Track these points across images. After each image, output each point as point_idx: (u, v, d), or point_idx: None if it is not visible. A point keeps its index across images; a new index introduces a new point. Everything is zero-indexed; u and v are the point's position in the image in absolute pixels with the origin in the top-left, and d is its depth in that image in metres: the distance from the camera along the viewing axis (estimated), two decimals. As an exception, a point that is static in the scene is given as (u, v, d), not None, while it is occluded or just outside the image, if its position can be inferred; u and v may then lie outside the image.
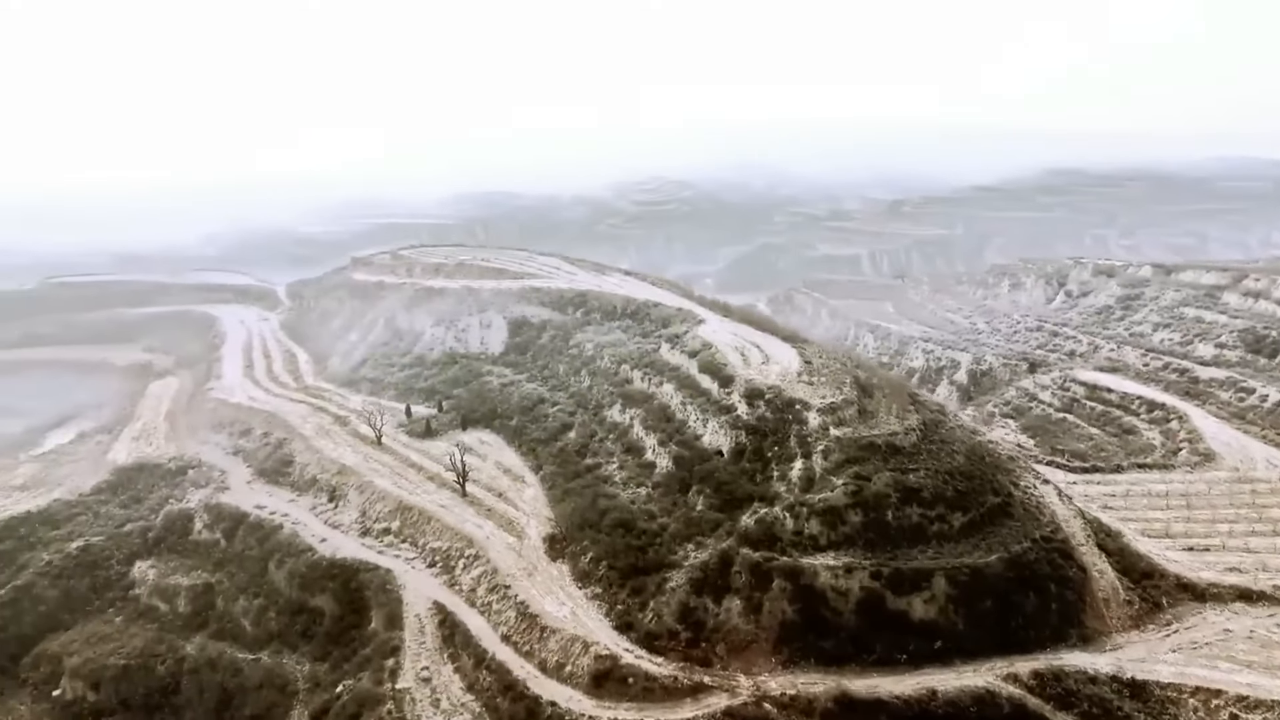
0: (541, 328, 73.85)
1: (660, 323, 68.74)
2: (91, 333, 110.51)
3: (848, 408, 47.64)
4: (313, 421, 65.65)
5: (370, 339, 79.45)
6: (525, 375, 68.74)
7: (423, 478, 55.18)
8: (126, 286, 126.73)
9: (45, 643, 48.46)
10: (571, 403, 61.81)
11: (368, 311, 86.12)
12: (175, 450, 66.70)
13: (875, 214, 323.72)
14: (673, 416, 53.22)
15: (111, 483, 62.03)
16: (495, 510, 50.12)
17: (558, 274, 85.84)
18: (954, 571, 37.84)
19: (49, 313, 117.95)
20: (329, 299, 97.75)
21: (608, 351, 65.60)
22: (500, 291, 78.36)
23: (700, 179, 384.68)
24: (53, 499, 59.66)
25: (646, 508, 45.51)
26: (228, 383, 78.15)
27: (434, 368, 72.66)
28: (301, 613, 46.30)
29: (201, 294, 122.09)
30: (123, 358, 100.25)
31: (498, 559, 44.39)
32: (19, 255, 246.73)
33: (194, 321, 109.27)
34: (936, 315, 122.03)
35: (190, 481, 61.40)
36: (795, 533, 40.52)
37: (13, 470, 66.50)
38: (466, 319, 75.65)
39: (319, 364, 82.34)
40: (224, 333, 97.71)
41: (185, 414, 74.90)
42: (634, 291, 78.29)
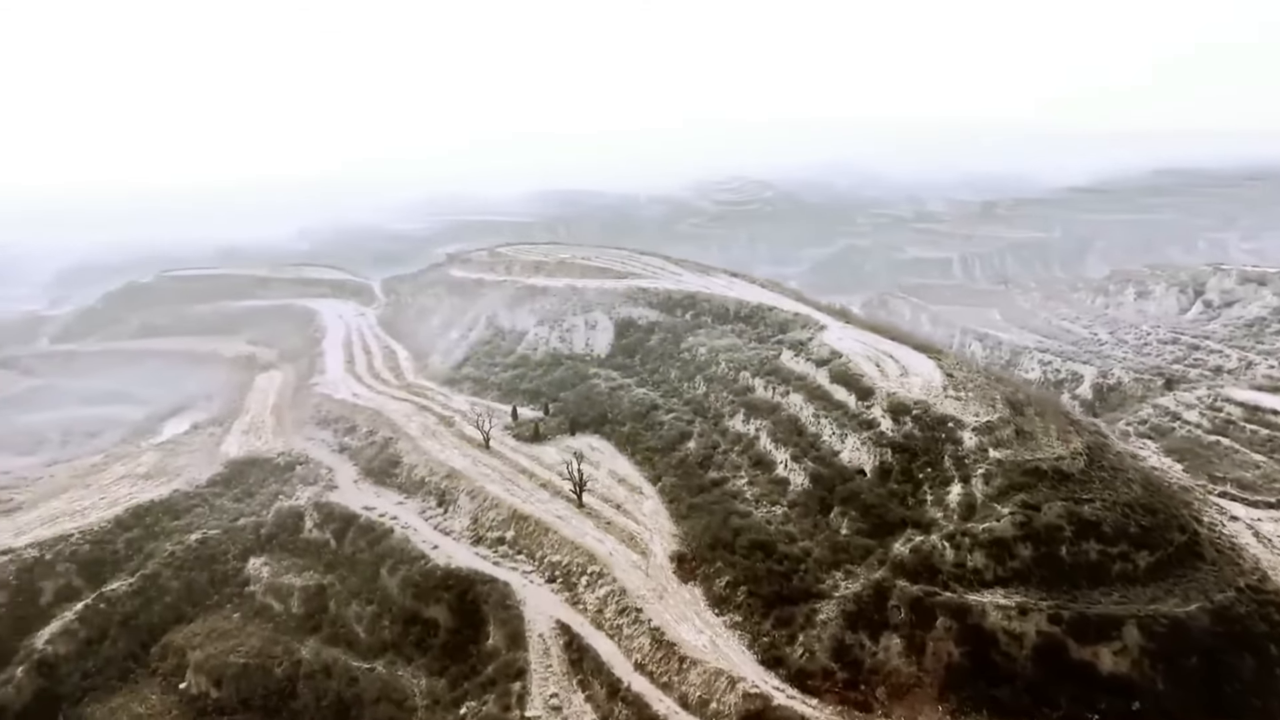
0: (649, 330, 71.25)
1: (777, 327, 65.29)
2: (201, 324, 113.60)
3: (1004, 427, 43.33)
4: (417, 421, 64.58)
5: (471, 337, 78.31)
6: (634, 379, 66.20)
7: (535, 485, 53.17)
8: (231, 280, 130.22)
9: (171, 634, 48.37)
10: (688, 410, 58.92)
11: (468, 309, 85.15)
12: (283, 445, 66.63)
13: (964, 216, 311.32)
14: (804, 429, 49.76)
15: (225, 475, 62.18)
16: (615, 524, 47.62)
17: (662, 274, 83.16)
18: (1148, 620, 33.34)
19: (164, 304, 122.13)
20: (427, 295, 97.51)
21: (724, 357, 62.48)
22: (605, 291, 76.09)
23: (781, 179, 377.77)
24: (173, 489, 60.06)
25: (784, 529, 42.23)
26: (330, 378, 78.19)
27: (538, 369, 70.86)
28: (415, 623, 44.74)
29: (300, 288, 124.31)
30: (229, 349, 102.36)
31: (624, 578, 41.81)
32: (138, 249, 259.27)
33: (294, 315, 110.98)
34: (1051, 324, 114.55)
35: (299, 478, 61.00)
36: (957, 565, 36.67)
37: (137, 458, 67.61)
38: (571, 319, 73.61)
39: (419, 361, 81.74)
40: (324, 327, 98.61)
41: (290, 408, 75.16)
42: (744, 294, 74.95)
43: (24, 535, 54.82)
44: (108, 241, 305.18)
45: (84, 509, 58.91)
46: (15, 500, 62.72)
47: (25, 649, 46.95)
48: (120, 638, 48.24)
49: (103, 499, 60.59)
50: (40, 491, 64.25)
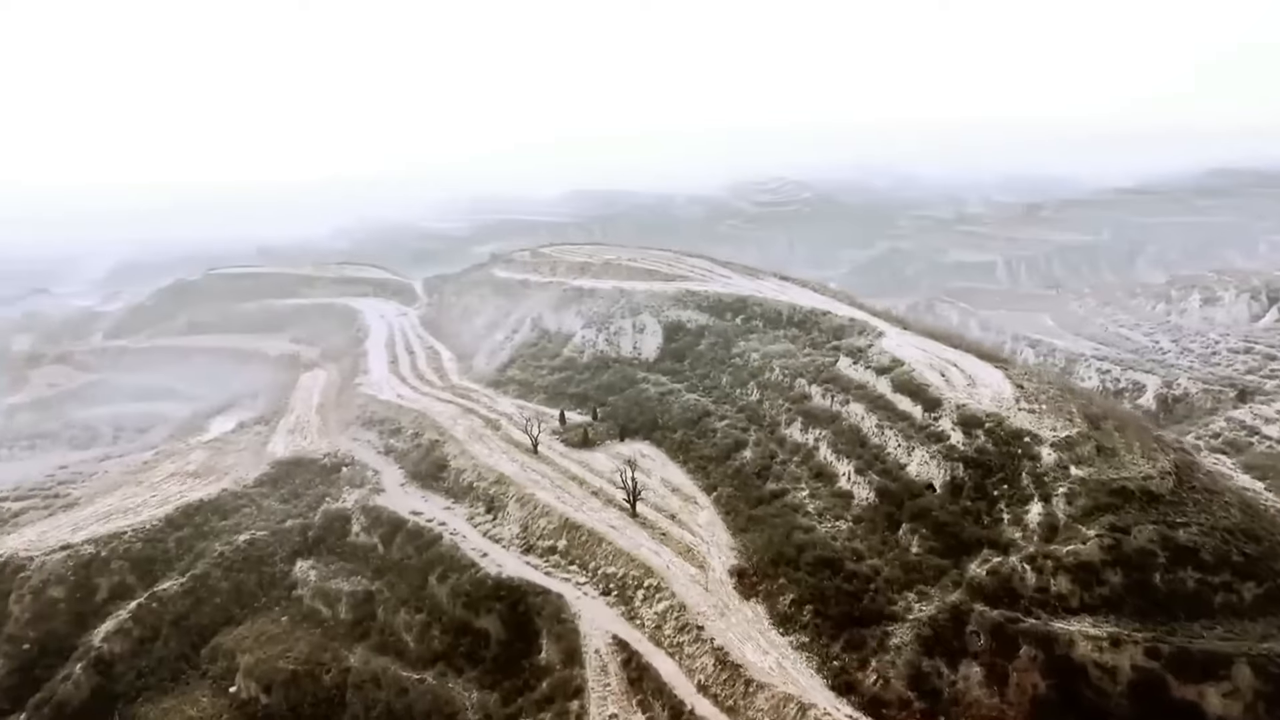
0: (699, 334, 69.63)
1: (832, 333, 63.29)
2: (246, 322, 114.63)
3: (1084, 443, 40.97)
4: (464, 424, 63.74)
5: (516, 339, 77.39)
6: (684, 384, 64.64)
7: (586, 492, 51.88)
8: (275, 278, 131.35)
9: (220, 636, 48.04)
10: (742, 418, 57.23)
11: (513, 310, 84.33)
12: (328, 446, 66.28)
13: (1006, 218, 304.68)
14: (866, 440, 47.80)
15: (271, 475, 61.94)
16: (670, 535, 46.12)
17: (711, 277, 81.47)
18: (1262, 660, 30.92)
19: (211, 302, 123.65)
20: (470, 296, 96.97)
21: (778, 363, 60.67)
22: (653, 294, 74.62)
23: (819, 180, 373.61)
24: (221, 489, 59.94)
25: (851, 545, 40.36)
26: (374, 378, 77.84)
27: (585, 372, 69.64)
28: (466, 633, 43.65)
29: (342, 287, 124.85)
30: (274, 348, 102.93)
31: (683, 592, 40.28)
32: (184, 247, 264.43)
33: (336, 314, 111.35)
34: (1108, 330, 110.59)
35: (345, 480, 60.52)
36: (1039, 589, 34.56)
37: (186, 456, 67.83)
38: (619, 322, 72.28)
39: (463, 362, 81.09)
40: (367, 327, 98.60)
41: (335, 408, 74.93)
42: (797, 298, 73.02)
43: (81, 531, 55.05)
44: (156, 239, 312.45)
45: (136, 506, 59.07)
46: (73, 495, 63.31)
47: (84, 645, 47.11)
48: (172, 638, 48.04)
49: (154, 496, 60.74)
50: (95, 487, 64.78)
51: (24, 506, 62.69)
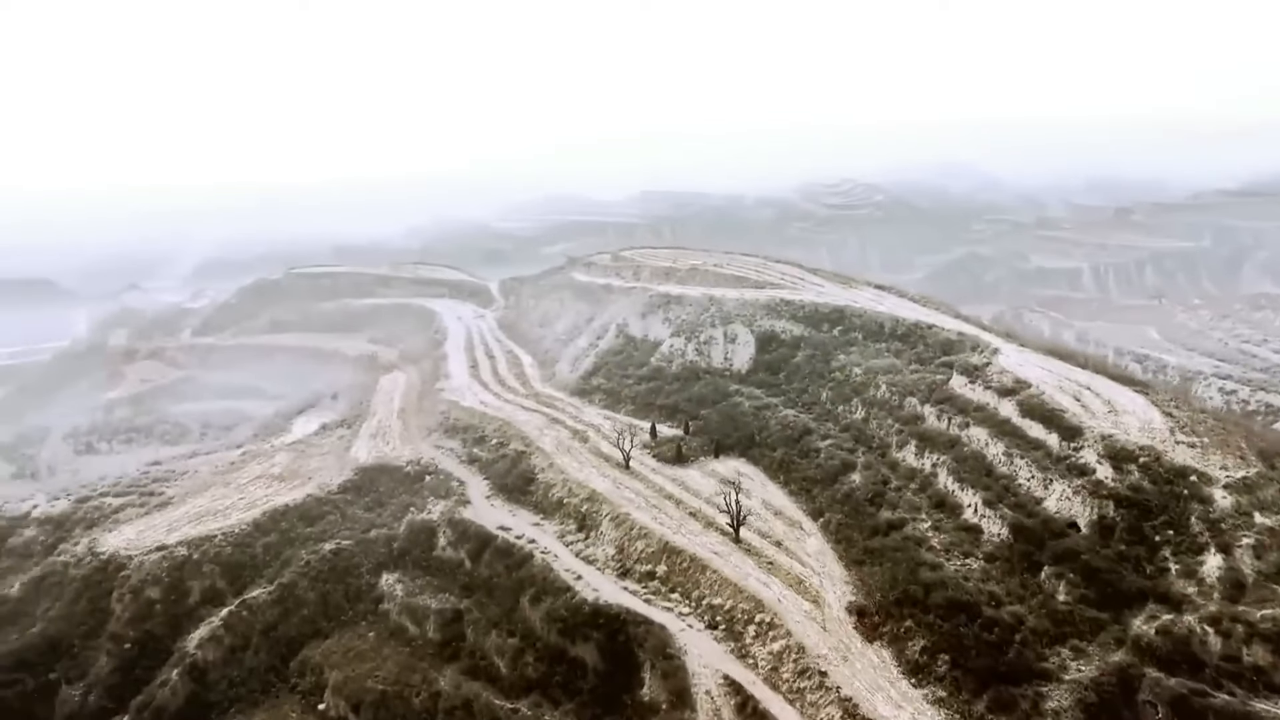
0: (795, 345, 66.23)
1: (940, 348, 59.21)
2: (325, 321, 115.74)
3: (1266, 485, 36.32)
4: (551, 435, 61.70)
5: (601, 346, 75.14)
6: (781, 399, 61.36)
7: (683, 513, 49.10)
8: (353, 278, 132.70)
9: (308, 649, 46.90)
10: (847, 438, 53.67)
11: (595, 316, 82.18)
12: (411, 452, 65.11)
13: (1092, 223, 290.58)
14: (993, 469, 43.82)
15: (355, 482, 61.00)
16: (778, 564, 42.99)
17: (802, 285, 77.88)
18: None
19: (292, 301, 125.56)
20: (549, 299, 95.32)
21: (883, 379, 56.88)
22: (745, 302, 71.48)
23: (890, 182, 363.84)
24: (306, 494, 59.25)
25: (986, 588, 36.57)
26: (456, 383, 76.67)
27: (674, 382, 66.90)
28: (561, 661, 41.35)
29: (418, 287, 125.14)
30: (352, 348, 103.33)
31: (799, 631, 37.14)
32: (264, 244, 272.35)
33: (414, 315, 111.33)
34: (1227, 346, 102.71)
35: (429, 489, 59.08)
36: (1227, 658, 30.33)
37: (271, 458, 67.63)
38: (709, 330, 69.35)
39: (545, 369, 79.33)
40: (445, 329, 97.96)
41: (416, 413, 73.96)
42: (897, 309, 69.03)
43: (175, 533, 54.99)
44: (238, 237, 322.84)
45: (225, 508, 58.83)
46: (166, 494, 63.60)
47: (179, 651, 46.73)
48: (262, 648, 47.12)
49: (241, 499, 60.44)
50: (187, 487, 65.00)
51: (123, 503, 63.24)
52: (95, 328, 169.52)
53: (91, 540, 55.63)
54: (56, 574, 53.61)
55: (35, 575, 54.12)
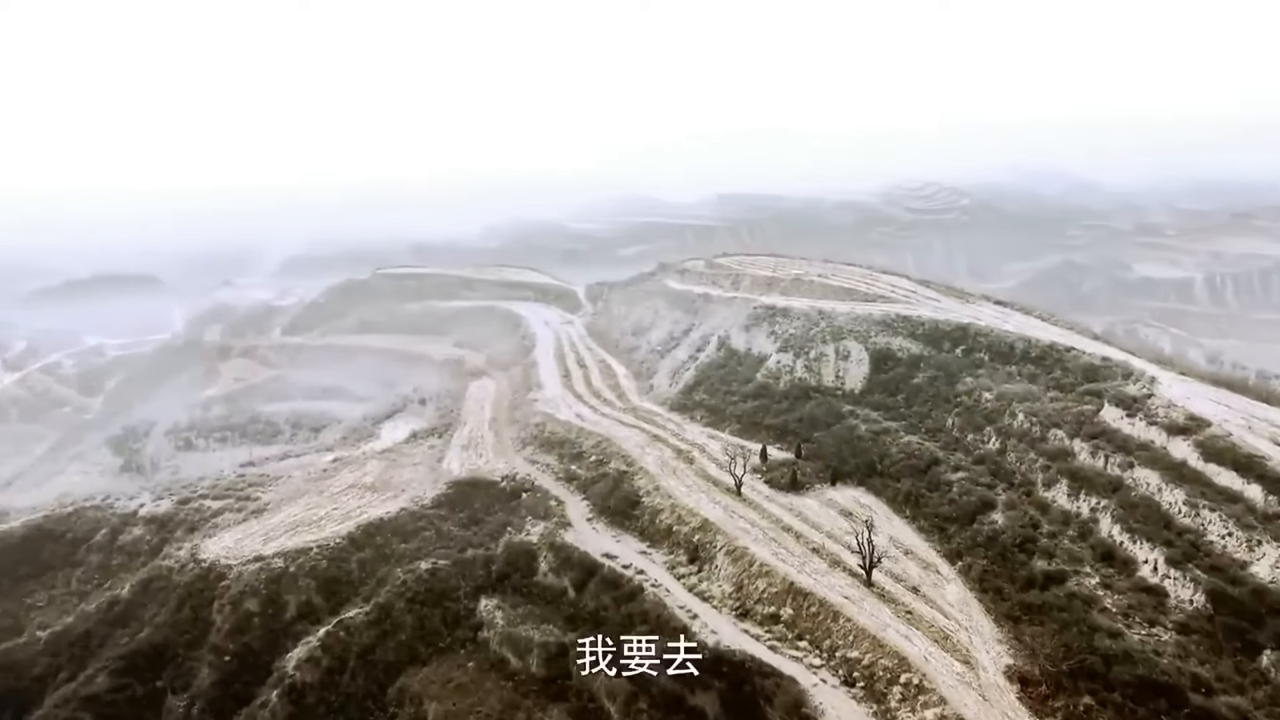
0: (913, 365, 61.54)
1: (1081, 374, 53.75)
2: (411, 323, 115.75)
3: None
4: (653, 454, 58.54)
5: (701, 359, 71.65)
6: (901, 423, 56.82)
7: (804, 548, 45.24)
8: (437, 280, 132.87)
9: (406, 676, 44.89)
10: (983, 471, 48.94)
11: (694, 326, 78.78)
12: (505, 466, 62.96)
13: (1202, 228, 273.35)
14: (1171, 520, 38.67)
15: (450, 496, 59.14)
16: (917, 614, 38.77)
17: (915, 298, 72.94)
18: None
19: (378, 301, 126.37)
20: (642, 307, 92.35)
21: (1020, 407, 51.83)
22: (858, 317, 67.02)
23: (976, 185, 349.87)
24: (400, 507, 57.66)
25: (1187, 668, 31.64)
26: (549, 394, 74.33)
27: (783, 401, 62.99)
28: (679, 710, 38.01)
29: (503, 290, 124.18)
30: (439, 351, 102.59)
31: (954, 698, 32.89)
32: (347, 243, 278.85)
33: (499, 318, 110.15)
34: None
35: (526, 508, 56.64)
36: None
37: (362, 466, 66.58)
38: (819, 346, 65.16)
39: (641, 381, 76.37)
40: (533, 334, 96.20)
41: (508, 424, 71.94)
42: (1024, 328, 63.57)
43: (271, 543, 54.09)
44: (319, 235, 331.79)
45: (319, 519, 57.70)
46: (262, 500, 63.03)
47: (278, 671, 45.37)
48: (359, 673, 45.32)
49: (335, 509, 59.26)
50: (281, 493, 64.35)
51: (221, 506, 62.98)
52: (192, 323, 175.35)
53: (193, 546, 55.19)
54: (162, 579, 53.27)
55: (143, 578, 53.97)
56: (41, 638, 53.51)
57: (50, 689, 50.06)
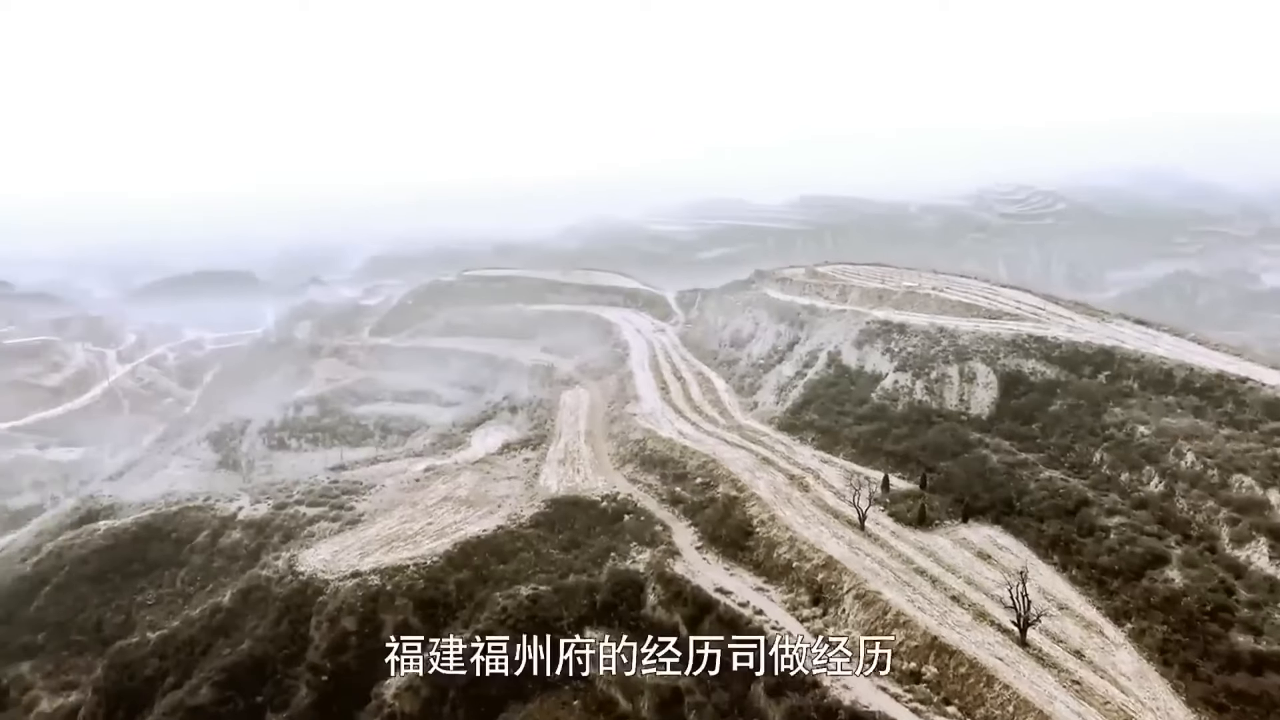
0: (1049, 391, 56.14)
1: (1263, 409, 47.71)
2: (498, 327, 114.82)
3: None
4: (764, 478, 54.83)
5: (810, 376, 67.41)
6: (1039, 455, 51.66)
7: (943, 595, 40.90)
8: (525, 282, 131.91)
9: (509, 712, 42.59)
10: (1147, 517, 43.61)
11: (800, 340, 74.50)
12: (604, 484, 60.20)
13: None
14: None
15: (548, 516, 56.65)
16: (1086, 685, 34.08)
17: (1045, 315, 67.18)
18: None
19: (465, 304, 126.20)
20: (741, 318, 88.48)
21: (1188, 446, 46.17)
22: (983, 336, 61.82)
23: (1074, 188, 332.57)
24: (497, 525, 55.54)
25: None
26: (648, 407, 71.35)
27: (902, 425, 58.39)
28: (811, 775, 34.44)
29: (591, 295, 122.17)
30: (527, 356, 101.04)
31: (1151, 800, 28.28)
32: (430, 242, 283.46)
33: (588, 324, 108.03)
34: None
35: (629, 532, 53.66)
36: None
37: (455, 478, 65.02)
38: (942, 367, 60.30)
39: (743, 397, 72.69)
40: (625, 342, 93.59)
41: (605, 438, 69.29)
42: (1178, 352, 57.28)
43: (368, 558, 52.70)
44: (402, 234, 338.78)
45: (414, 534, 56.15)
46: (356, 510, 62.07)
47: (377, 697, 43.82)
48: (460, 706, 43.14)
49: (430, 524, 57.63)
50: (374, 503, 63.32)
51: (316, 514, 62.42)
52: (283, 320, 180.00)
53: (291, 557, 54.25)
54: (261, 589, 52.51)
55: (242, 587, 53.35)
56: (151, 640, 53.59)
57: (159, 693, 50.11)
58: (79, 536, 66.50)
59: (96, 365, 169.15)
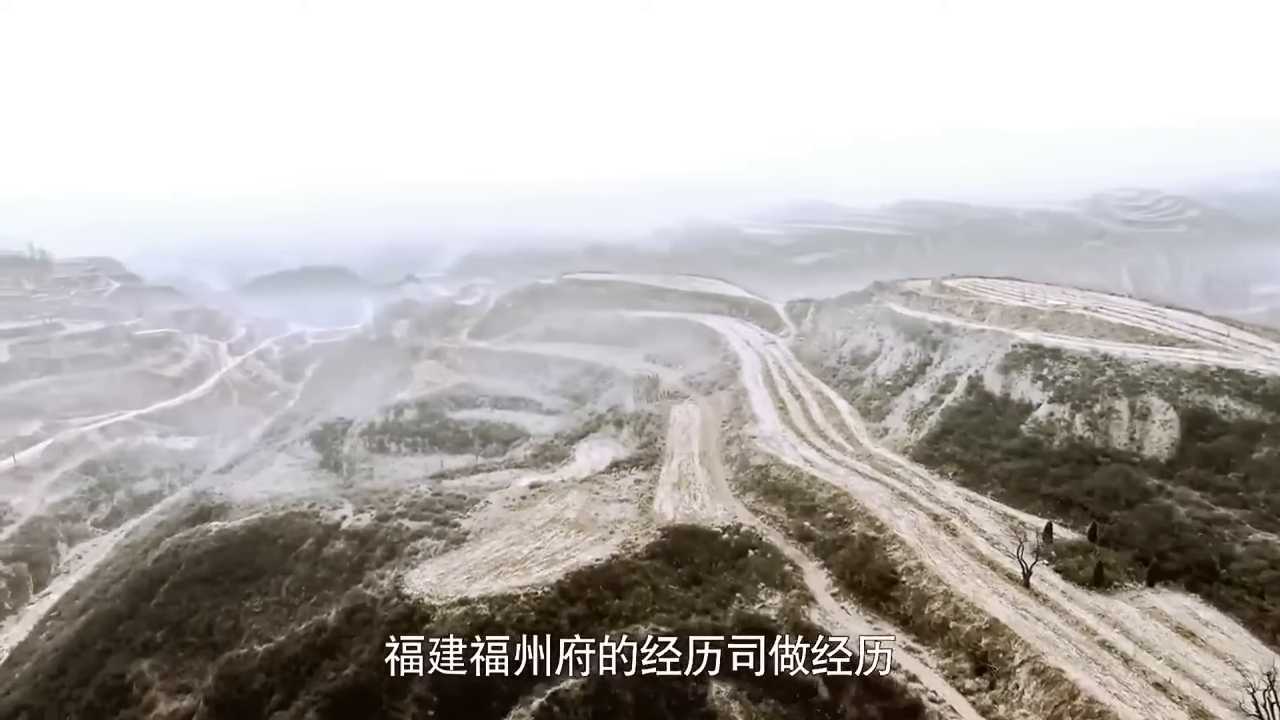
0: (1249, 435, 48.75)
1: None
2: (598, 333, 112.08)
3: None
4: (905, 518, 49.44)
5: (948, 403, 61.29)
6: (1244, 512, 44.57)
7: (1142, 680, 34.79)
8: (625, 288, 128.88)
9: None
10: (1402, 600, 36.16)
11: (933, 361, 68.31)
12: (724, 514, 55.86)
13: None
14: None
15: (664, 546, 52.65)
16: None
17: (1229, 344, 59.09)
18: None
19: (565, 308, 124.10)
20: (862, 334, 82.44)
21: None
22: (1158, 366, 54.59)
23: (1207, 193, 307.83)
24: (610, 554, 51.93)
25: None
26: (767, 429, 66.56)
27: (1061, 464, 51.91)
28: None
29: (695, 302, 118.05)
30: (630, 366, 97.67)
31: None
32: (520, 240, 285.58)
33: (692, 333, 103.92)
34: None
35: (756, 570, 49.20)
36: None
37: (562, 497, 61.94)
38: (1107, 400, 53.44)
39: (870, 421, 67.03)
40: (735, 355, 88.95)
41: (721, 461, 65.00)
42: None
43: (475, 583, 49.94)
44: (494, 232, 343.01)
45: (523, 559, 53.15)
46: (461, 527, 59.72)
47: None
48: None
49: (539, 548, 54.58)
50: (479, 520, 60.84)
51: (419, 529, 60.39)
52: (381, 318, 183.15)
53: (396, 578, 52.13)
54: (365, 610, 50.46)
55: (347, 606, 51.45)
56: (258, 652, 52.50)
57: (266, 709, 48.80)
58: (193, 536, 66.78)
59: (210, 357, 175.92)
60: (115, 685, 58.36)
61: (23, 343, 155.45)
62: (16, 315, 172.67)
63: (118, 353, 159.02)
